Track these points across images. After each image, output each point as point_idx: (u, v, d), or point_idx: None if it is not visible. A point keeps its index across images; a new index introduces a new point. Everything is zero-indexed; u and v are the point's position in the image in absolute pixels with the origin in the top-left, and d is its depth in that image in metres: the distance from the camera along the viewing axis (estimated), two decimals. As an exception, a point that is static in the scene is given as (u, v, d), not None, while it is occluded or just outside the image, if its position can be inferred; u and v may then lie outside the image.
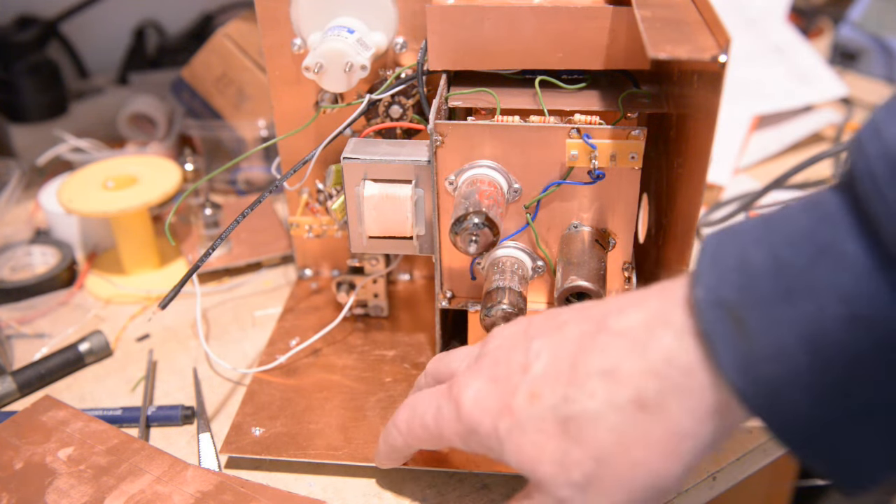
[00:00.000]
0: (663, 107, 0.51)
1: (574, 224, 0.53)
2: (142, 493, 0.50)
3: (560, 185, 0.51)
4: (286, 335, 0.64)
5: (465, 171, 0.51)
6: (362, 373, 0.60)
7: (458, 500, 0.51)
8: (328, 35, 0.55)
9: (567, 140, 0.49)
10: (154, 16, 1.18)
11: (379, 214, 0.53)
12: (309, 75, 0.54)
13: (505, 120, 0.50)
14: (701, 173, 0.43)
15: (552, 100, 0.52)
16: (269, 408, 0.56)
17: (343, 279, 0.64)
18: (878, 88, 1.09)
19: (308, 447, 0.53)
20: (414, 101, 0.58)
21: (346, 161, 0.52)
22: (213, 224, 0.73)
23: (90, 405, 0.59)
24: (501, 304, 0.49)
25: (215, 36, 0.84)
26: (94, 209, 0.68)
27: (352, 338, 0.64)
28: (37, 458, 0.52)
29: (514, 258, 0.53)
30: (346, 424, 0.55)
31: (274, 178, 0.86)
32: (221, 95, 0.85)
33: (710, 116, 0.41)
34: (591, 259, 0.50)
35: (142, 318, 0.69)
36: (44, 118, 1.06)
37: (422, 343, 0.64)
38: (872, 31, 1.13)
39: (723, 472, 0.53)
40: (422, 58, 0.55)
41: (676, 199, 0.50)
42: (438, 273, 0.55)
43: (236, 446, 0.53)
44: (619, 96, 0.52)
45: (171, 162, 0.75)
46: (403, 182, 0.52)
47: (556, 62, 0.53)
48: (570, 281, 0.48)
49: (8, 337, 0.66)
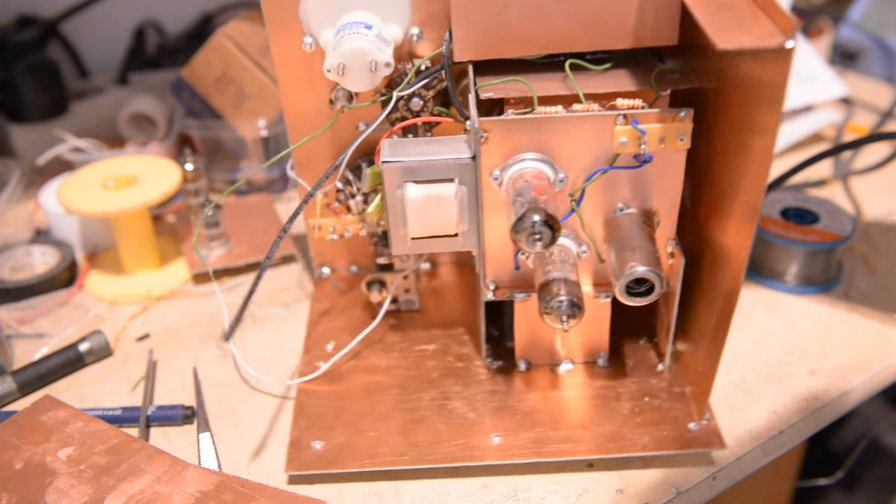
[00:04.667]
0: (694, 81, 0.50)
1: (619, 207, 0.52)
2: (142, 493, 0.50)
3: (604, 172, 0.51)
4: (320, 341, 0.62)
5: (510, 166, 0.50)
6: (408, 371, 0.59)
7: (458, 499, 0.51)
8: (345, 32, 0.52)
9: (616, 127, 0.49)
10: (154, 16, 1.18)
11: (423, 215, 0.51)
12: (331, 77, 0.53)
13: (548, 111, 0.49)
14: (766, 152, 0.42)
15: (581, 82, 0.51)
16: (323, 419, 0.55)
17: (373, 278, 0.63)
18: (878, 88, 1.09)
19: (374, 455, 0.52)
20: (434, 92, 0.56)
21: (386, 165, 0.50)
22: (214, 224, 0.73)
23: (90, 405, 0.59)
24: (560, 296, 0.49)
25: (215, 36, 0.84)
26: (94, 209, 0.68)
27: (388, 336, 0.63)
28: (37, 458, 0.52)
29: (561, 246, 0.53)
30: (406, 427, 0.54)
31: (273, 178, 0.86)
32: (221, 95, 0.85)
33: (776, 96, 0.40)
34: (645, 242, 0.50)
35: (142, 318, 0.69)
36: (44, 118, 1.06)
37: (460, 334, 0.63)
38: (872, 31, 1.13)
39: (723, 472, 0.53)
40: (447, 48, 0.53)
41: (721, 173, 0.49)
42: (482, 266, 0.55)
43: (300, 463, 0.52)
44: (646, 74, 0.51)
45: (171, 162, 0.75)
46: (445, 181, 0.51)
47: (584, 44, 0.52)
48: (630, 268, 0.48)
49: (8, 337, 0.66)
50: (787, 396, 0.59)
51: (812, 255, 0.69)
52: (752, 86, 0.43)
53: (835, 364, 0.62)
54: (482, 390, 0.58)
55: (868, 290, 0.70)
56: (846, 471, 0.88)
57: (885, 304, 0.68)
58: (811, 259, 0.69)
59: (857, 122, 0.99)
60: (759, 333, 0.65)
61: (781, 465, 1.00)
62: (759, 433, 0.56)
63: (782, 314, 0.67)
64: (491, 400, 0.57)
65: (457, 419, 0.55)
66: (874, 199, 0.83)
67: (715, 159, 0.50)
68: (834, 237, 0.69)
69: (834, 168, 0.89)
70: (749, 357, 0.62)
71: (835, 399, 0.59)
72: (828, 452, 1.19)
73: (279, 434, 0.56)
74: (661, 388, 0.57)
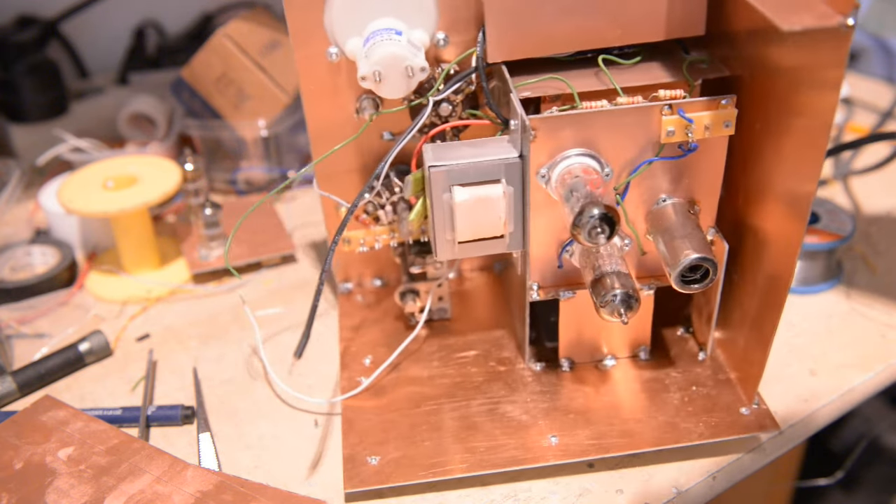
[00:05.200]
0: (723, 70, 0.52)
1: (662, 198, 0.53)
2: (142, 493, 0.50)
3: (650, 163, 0.51)
4: (357, 356, 0.62)
5: (557, 163, 0.50)
6: (452, 379, 0.59)
7: (458, 499, 0.51)
8: (376, 39, 0.52)
9: (663, 118, 0.49)
10: (154, 16, 1.18)
11: (471, 218, 0.51)
12: (367, 84, 0.52)
13: (593, 106, 0.50)
14: (820, 142, 0.44)
15: (614, 77, 0.51)
16: (374, 433, 0.54)
17: (407, 288, 0.62)
18: (878, 88, 1.09)
19: (433, 465, 0.52)
20: (462, 96, 0.57)
21: (434, 169, 0.50)
22: (214, 224, 0.73)
23: (90, 405, 0.59)
24: (615, 290, 0.49)
25: (215, 36, 0.84)
26: (94, 209, 0.68)
27: (425, 346, 0.62)
28: (37, 458, 0.52)
29: None
30: (460, 435, 0.54)
31: (273, 178, 0.86)
32: (221, 95, 0.85)
33: (833, 78, 0.41)
34: (693, 230, 0.51)
35: (142, 318, 0.69)
36: (44, 118, 1.06)
37: (498, 338, 0.63)
38: (872, 31, 1.13)
39: (723, 472, 0.53)
40: (480, 50, 0.53)
41: (760, 161, 0.50)
42: (527, 266, 0.55)
43: (359, 479, 0.51)
44: (675, 65, 0.52)
45: (171, 162, 0.75)
46: (492, 182, 0.51)
47: (614, 39, 0.52)
48: (686, 256, 0.49)
49: (8, 337, 0.66)
50: (787, 396, 0.59)
51: (812, 255, 0.69)
52: (803, 69, 0.44)
53: (835, 364, 0.62)
54: (530, 392, 0.57)
55: (868, 290, 0.70)
56: (846, 471, 0.88)
57: (885, 304, 0.68)
58: (811, 259, 0.69)
59: (857, 122, 0.99)
60: (759, 333, 0.65)
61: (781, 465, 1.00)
62: (759, 433, 0.56)
63: (782, 314, 0.67)
64: (541, 401, 0.57)
65: (510, 423, 0.55)
66: (874, 199, 0.83)
67: (755, 145, 0.51)
68: (834, 237, 0.69)
69: (834, 168, 0.89)
70: (749, 357, 0.62)
71: (835, 399, 0.59)
72: (828, 452, 1.18)
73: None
74: (707, 377, 0.58)
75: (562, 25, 0.52)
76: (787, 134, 0.47)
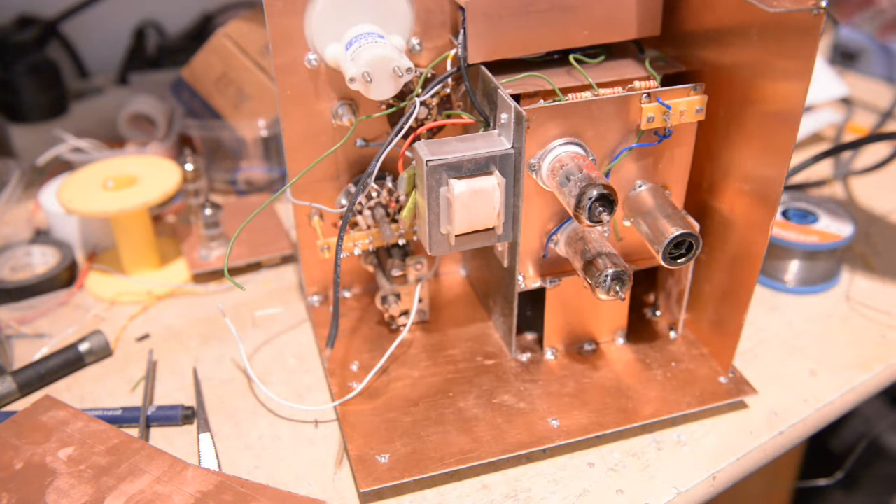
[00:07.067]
0: (679, 66, 0.56)
1: (638, 184, 0.56)
2: (142, 493, 0.50)
3: (630, 149, 0.54)
4: (343, 363, 0.61)
5: (548, 153, 0.52)
6: (443, 376, 0.60)
7: (458, 499, 0.51)
8: (361, 42, 0.53)
9: (642, 105, 0.52)
10: (154, 16, 1.18)
11: (468, 210, 0.52)
12: (355, 86, 0.53)
13: (580, 97, 0.53)
14: (790, 132, 0.49)
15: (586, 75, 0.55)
16: (378, 433, 0.55)
17: (388, 292, 0.62)
18: (878, 88, 1.09)
19: (444, 457, 0.53)
20: (438, 98, 0.58)
21: (432, 163, 0.51)
22: (214, 224, 0.73)
23: (90, 405, 0.59)
24: (607, 270, 0.51)
25: (215, 36, 0.84)
26: (94, 209, 0.68)
27: (409, 348, 0.63)
28: (37, 458, 0.52)
29: (592, 228, 0.55)
30: (463, 427, 0.55)
31: (273, 178, 0.86)
32: (221, 95, 0.85)
33: (802, 69, 0.47)
34: (673, 210, 0.53)
35: (142, 318, 0.69)
36: (44, 118, 1.06)
37: (478, 334, 0.64)
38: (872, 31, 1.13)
39: (723, 472, 0.53)
40: (462, 52, 0.55)
41: (727, 146, 0.55)
42: (516, 257, 0.56)
43: (374, 477, 0.51)
44: (637, 62, 0.56)
45: (171, 162, 0.75)
46: (485, 174, 0.52)
47: (581, 40, 0.56)
48: (671, 232, 0.51)
49: (8, 337, 0.66)
50: (787, 396, 0.59)
51: (812, 255, 0.69)
52: (766, 60, 0.50)
53: (835, 364, 0.62)
54: (522, 381, 0.59)
55: (868, 290, 0.70)
56: (846, 471, 0.88)
57: (885, 304, 0.68)
58: (811, 259, 0.69)
59: (857, 122, 0.99)
60: (758, 333, 0.65)
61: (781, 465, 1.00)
62: (760, 433, 0.56)
63: (782, 314, 0.67)
64: (534, 388, 0.59)
65: (510, 410, 0.57)
66: (874, 199, 0.83)
67: (721, 131, 0.55)
68: (834, 237, 0.69)
69: (834, 168, 0.89)
70: (749, 357, 0.63)
71: (835, 399, 0.59)
72: (828, 452, 1.19)
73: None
74: (682, 353, 0.62)
75: (536, 28, 0.55)
76: (751, 119, 0.52)
